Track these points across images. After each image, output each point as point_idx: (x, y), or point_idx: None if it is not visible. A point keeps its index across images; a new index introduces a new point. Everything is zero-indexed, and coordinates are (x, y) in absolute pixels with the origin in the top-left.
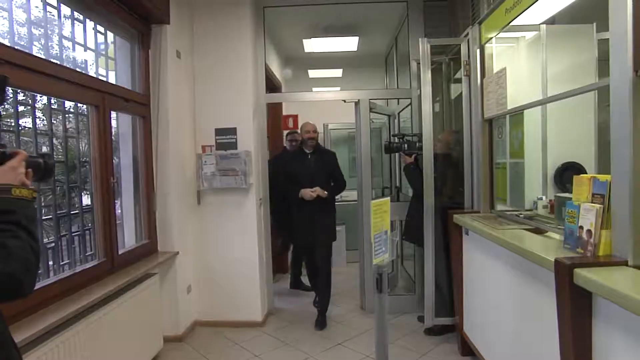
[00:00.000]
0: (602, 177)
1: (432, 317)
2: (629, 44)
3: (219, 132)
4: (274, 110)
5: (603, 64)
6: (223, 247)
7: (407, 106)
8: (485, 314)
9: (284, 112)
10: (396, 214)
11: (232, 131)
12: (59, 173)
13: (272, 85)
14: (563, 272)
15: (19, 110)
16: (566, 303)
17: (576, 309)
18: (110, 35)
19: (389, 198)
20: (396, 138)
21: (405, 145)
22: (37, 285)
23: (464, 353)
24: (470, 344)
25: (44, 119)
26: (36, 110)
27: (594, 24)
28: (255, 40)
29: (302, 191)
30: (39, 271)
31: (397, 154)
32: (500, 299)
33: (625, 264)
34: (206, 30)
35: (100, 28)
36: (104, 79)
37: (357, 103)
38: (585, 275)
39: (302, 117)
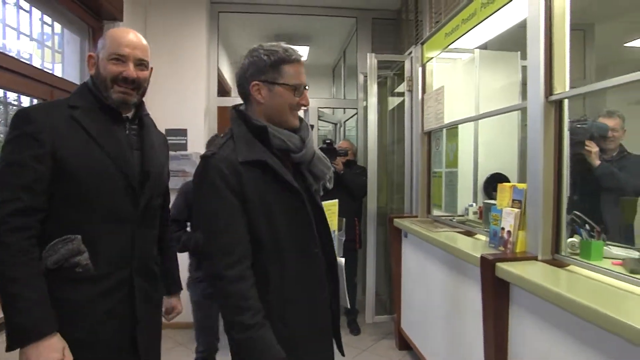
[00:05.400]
0: (520, 186)
1: (373, 314)
2: (542, 73)
3: (169, 132)
4: (224, 113)
5: (526, 88)
6: None
7: (353, 115)
8: (421, 310)
9: None
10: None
11: (183, 132)
12: None
13: (222, 89)
14: (487, 266)
15: None
16: (489, 292)
17: (497, 297)
18: (57, 27)
19: (337, 200)
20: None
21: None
22: None
23: (401, 347)
24: (407, 339)
25: None
26: None
27: (519, 52)
28: (209, 43)
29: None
30: None
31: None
32: (435, 295)
33: (535, 259)
34: (160, 30)
35: (47, 19)
36: (51, 72)
37: (306, 110)
38: (504, 269)
39: None
